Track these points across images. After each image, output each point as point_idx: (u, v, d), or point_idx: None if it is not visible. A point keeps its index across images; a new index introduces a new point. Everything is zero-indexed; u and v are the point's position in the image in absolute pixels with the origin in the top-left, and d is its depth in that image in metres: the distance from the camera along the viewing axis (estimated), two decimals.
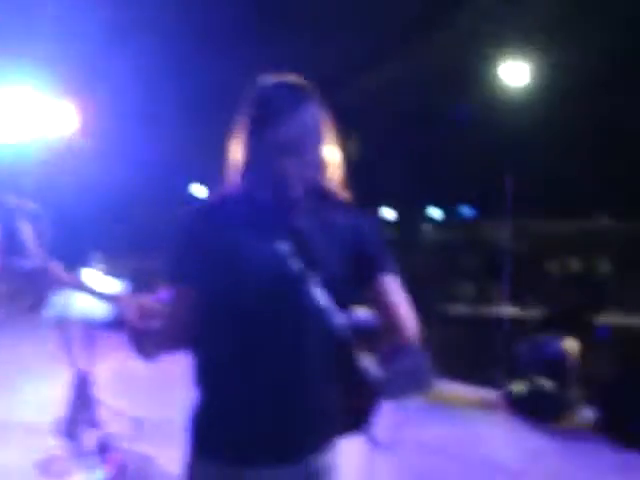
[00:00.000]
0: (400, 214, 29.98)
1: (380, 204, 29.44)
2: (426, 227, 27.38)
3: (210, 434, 1.46)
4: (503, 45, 26.67)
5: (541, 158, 32.45)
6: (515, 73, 26.27)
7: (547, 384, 4.83)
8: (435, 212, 33.16)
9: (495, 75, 26.93)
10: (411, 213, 30.13)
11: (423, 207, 33.07)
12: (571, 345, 4.88)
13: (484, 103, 28.20)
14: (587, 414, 4.63)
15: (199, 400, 1.47)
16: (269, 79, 1.51)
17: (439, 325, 11.92)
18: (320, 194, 1.47)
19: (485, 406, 5.13)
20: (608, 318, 10.53)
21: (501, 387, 5.21)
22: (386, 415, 4.86)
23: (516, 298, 11.81)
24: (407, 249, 19.25)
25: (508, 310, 11.35)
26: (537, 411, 4.77)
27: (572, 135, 33.43)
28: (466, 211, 33.77)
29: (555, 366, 4.79)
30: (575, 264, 14.99)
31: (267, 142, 1.45)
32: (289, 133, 1.45)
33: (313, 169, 1.47)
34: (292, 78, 1.52)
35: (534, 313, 11.01)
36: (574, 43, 29.52)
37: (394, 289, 1.51)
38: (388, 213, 30.19)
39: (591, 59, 29.88)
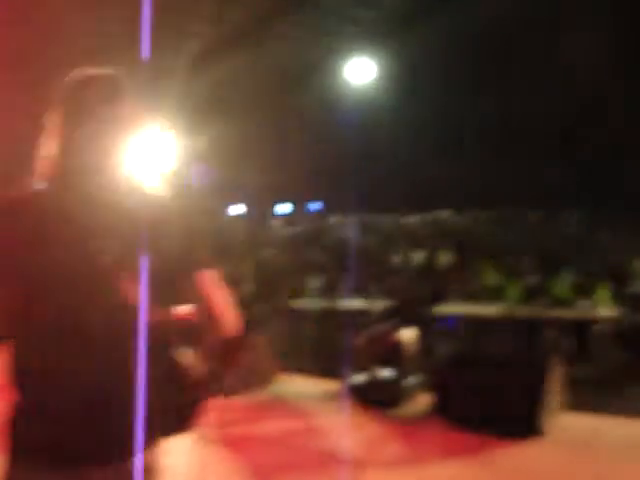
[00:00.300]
0: (249, 210, 30.02)
1: (232, 199, 29.35)
2: (275, 223, 27.55)
3: (27, 437, 1.41)
4: (349, 42, 27.13)
5: (389, 155, 33.39)
6: (361, 70, 26.71)
7: (386, 373, 4.99)
8: (284, 208, 33.45)
9: (341, 72, 27.33)
10: (260, 209, 30.24)
11: (273, 203, 33.27)
12: (408, 335, 5.06)
13: (330, 100, 28.65)
14: (426, 400, 4.82)
15: (16, 402, 1.43)
16: (81, 73, 1.49)
17: (287, 319, 12.06)
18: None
19: (328, 398, 5.23)
20: (453, 308, 10.98)
21: (344, 378, 5.34)
22: (229, 411, 4.84)
23: (362, 291, 12.13)
24: (256, 245, 19.31)
25: (354, 303, 11.65)
26: (377, 400, 4.91)
27: (417, 132, 34.57)
28: (315, 206, 34.30)
29: (392, 356, 4.95)
30: (418, 256, 15.54)
31: (80, 136, 1.43)
32: (100, 127, 1.43)
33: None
34: (104, 71, 1.50)
35: (379, 305, 11.33)
36: (418, 42, 30.48)
37: (213, 283, 1.51)
38: (238, 208, 30.12)
39: (434, 58, 31.01)
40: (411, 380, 4.97)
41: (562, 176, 25.38)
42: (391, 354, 4.95)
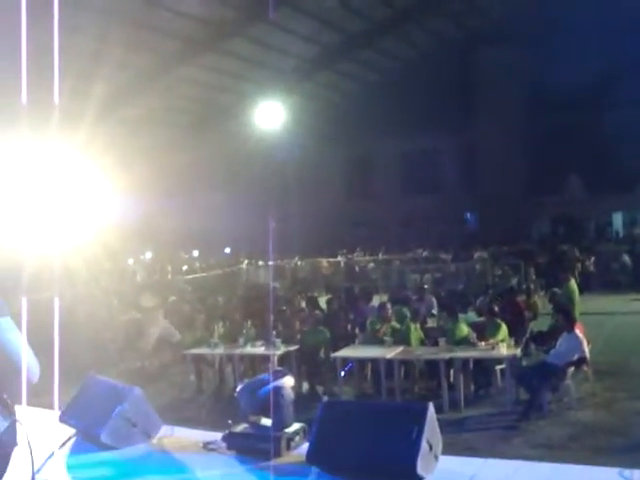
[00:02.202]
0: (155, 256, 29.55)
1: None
2: (184, 268, 27.10)
3: None
4: (259, 87, 27.16)
5: (303, 197, 33.29)
6: (270, 114, 26.66)
7: (264, 423, 4.83)
8: (194, 253, 33.14)
9: (251, 116, 27.19)
10: (169, 256, 29.84)
11: (181, 248, 32.87)
12: (288, 383, 4.92)
13: (240, 143, 28.47)
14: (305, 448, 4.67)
15: None
16: None
17: (189, 367, 11.73)
18: None
19: (207, 449, 5.02)
20: (352, 351, 10.91)
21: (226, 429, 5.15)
22: (105, 466, 4.52)
23: (264, 336, 11.95)
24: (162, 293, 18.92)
25: (255, 349, 11.45)
26: (256, 450, 4.74)
27: (329, 174, 34.43)
28: (225, 251, 34.12)
29: (270, 405, 4.79)
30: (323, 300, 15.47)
31: None
32: None
33: None
34: None
35: (279, 351, 11.17)
36: (326, 86, 30.76)
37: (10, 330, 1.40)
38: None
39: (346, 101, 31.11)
40: (290, 429, 4.81)
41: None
42: (269, 404, 4.78)
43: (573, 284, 11.72)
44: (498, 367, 10.18)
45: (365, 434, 4.26)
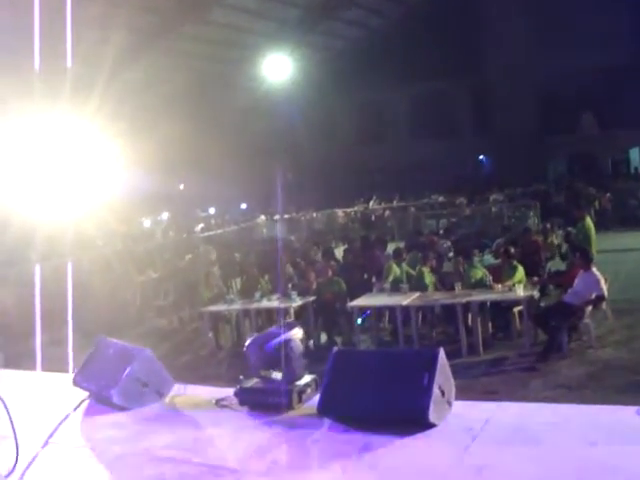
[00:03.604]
0: (172, 216, 29.54)
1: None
2: (200, 226, 27.08)
3: None
4: (265, 39, 26.78)
5: (311, 150, 33.14)
6: (278, 67, 26.38)
7: (274, 376, 4.77)
8: (211, 210, 33.11)
9: (259, 69, 26.88)
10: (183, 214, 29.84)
11: (197, 207, 32.85)
12: (297, 336, 4.85)
13: (249, 97, 28.17)
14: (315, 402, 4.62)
15: None
16: None
17: (205, 324, 11.71)
18: None
19: (219, 405, 4.98)
20: (369, 300, 10.85)
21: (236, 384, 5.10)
22: (114, 427, 4.50)
23: (281, 289, 11.94)
24: (178, 252, 18.92)
25: (272, 302, 11.44)
26: (266, 404, 4.69)
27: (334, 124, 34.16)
28: (241, 207, 34.07)
29: (280, 358, 4.73)
30: (340, 251, 15.41)
31: None
32: None
33: None
34: None
35: (296, 303, 11.14)
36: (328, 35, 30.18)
37: None
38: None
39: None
40: (301, 382, 4.74)
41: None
42: (279, 357, 4.72)
43: (589, 222, 11.53)
44: (516, 309, 10.09)
45: (376, 382, 4.19)
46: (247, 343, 4.96)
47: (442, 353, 4.21)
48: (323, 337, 11.10)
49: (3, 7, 15.53)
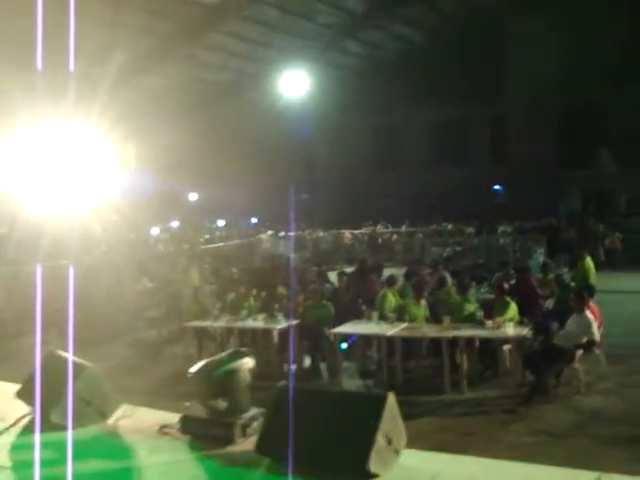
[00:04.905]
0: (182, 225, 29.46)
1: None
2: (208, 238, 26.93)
3: None
4: (284, 54, 26.64)
5: (326, 168, 32.88)
6: (295, 83, 26.13)
7: (220, 406, 4.51)
8: (220, 222, 32.96)
9: (276, 84, 26.68)
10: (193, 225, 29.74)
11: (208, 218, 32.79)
12: (246, 365, 4.58)
13: (264, 111, 27.98)
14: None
15: None
16: None
17: (194, 339, 11.45)
18: None
19: (161, 432, 4.72)
20: (354, 327, 10.56)
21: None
22: (49, 448, 4.20)
23: (268, 309, 11.66)
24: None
25: (257, 322, 11.15)
26: (210, 436, 4.43)
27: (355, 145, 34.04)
28: (252, 221, 33.90)
29: (227, 388, 4.47)
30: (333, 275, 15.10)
31: None
32: None
33: None
34: None
35: (281, 325, 10.86)
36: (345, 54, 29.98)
37: None
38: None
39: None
40: (247, 414, 4.48)
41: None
42: (225, 387, 4.46)
43: (588, 261, 11.18)
44: (506, 347, 9.75)
45: (318, 425, 3.92)
46: (193, 369, 4.71)
47: (391, 399, 3.93)
48: (307, 361, 10.80)
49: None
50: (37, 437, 4.71)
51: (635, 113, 26.60)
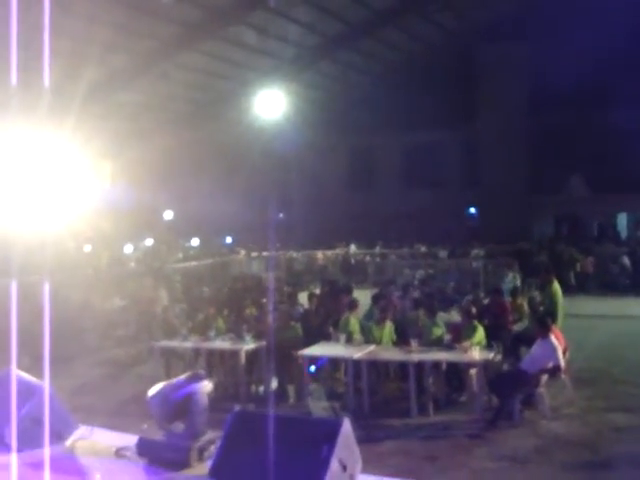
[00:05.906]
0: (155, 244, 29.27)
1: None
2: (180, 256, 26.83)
3: None
4: (259, 74, 26.66)
5: (302, 188, 32.87)
6: (271, 103, 26.10)
7: (176, 430, 4.47)
8: (194, 241, 32.81)
9: (252, 104, 26.67)
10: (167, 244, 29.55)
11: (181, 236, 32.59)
12: (204, 387, 4.54)
13: (241, 131, 28.02)
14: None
15: None
16: None
17: (162, 359, 11.35)
18: None
19: (118, 455, 4.66)
20: (322, 349, 10.55)
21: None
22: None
23: (236, 330, 11.62)
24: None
25: (224, 343, 11.10)
26: (165, 460, 4.37)
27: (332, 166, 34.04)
28: (226, 240, 33.78)
29: (185, 410, 4.44)
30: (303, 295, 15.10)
31: None
32: None
33: None
34: None
35: (249, 346, 10.84)
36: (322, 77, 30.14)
37: None
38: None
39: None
40: (204, 438, 4.43)
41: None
42: (182, 410, 4.42)
43: (556, 286, 11.26)
44: (472, 371, 9.77)
45: (272, 451, 3.87)
46: (150, 392, 4.66)
47: (347, 424, 3.91)
48: (275, 383, 10.75)
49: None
50: None
51: (606, 138, 26.92)
